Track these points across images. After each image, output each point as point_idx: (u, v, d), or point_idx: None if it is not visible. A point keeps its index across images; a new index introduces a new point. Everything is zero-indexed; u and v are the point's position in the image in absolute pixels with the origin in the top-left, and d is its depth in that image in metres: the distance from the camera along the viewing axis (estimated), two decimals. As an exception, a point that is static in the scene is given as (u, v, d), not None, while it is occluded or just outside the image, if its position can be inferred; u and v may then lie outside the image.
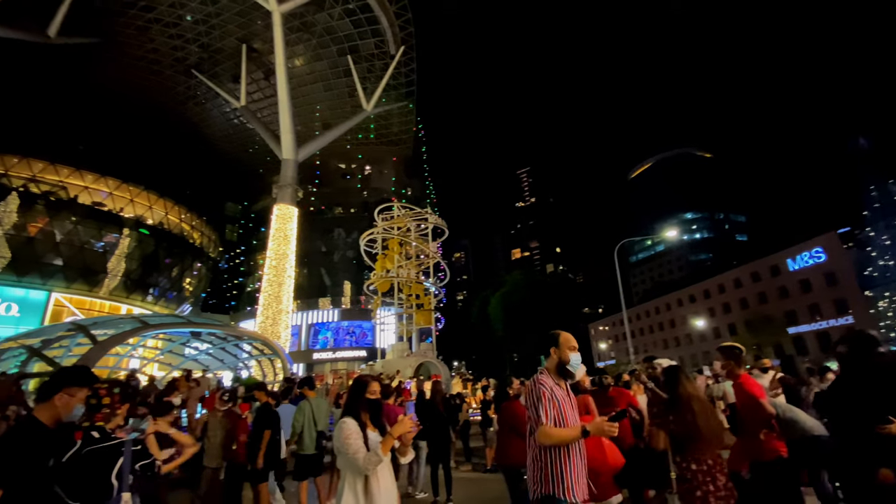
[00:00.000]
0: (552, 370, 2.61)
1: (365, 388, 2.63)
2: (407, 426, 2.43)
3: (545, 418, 2.39)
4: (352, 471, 2.39)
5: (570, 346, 2.62)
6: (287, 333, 22.77)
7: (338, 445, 2.40)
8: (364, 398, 2.59)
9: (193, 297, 33.67)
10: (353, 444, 2.35)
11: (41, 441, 1.98)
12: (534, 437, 2.45)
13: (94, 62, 27.89)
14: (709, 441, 2.93)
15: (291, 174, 24.46)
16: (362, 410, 2.55)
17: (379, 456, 2.32)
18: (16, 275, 23.39)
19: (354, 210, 40.58)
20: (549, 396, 2.46)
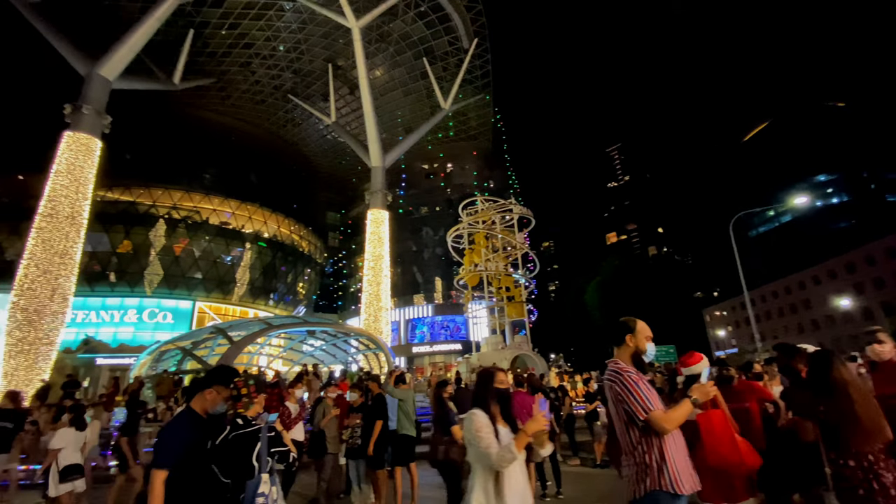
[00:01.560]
0: (626, 360, 2.44)
1: (492, 378, 2.52)
2: (541, 424, 2.31)
3: (654, 406, 2.23)
4: (483, 466, 2.31)
5: (646, 336, 2.45)
6: (388, 329, 24.17)
7: (468, 437, 2.35)
8: (492, 388, 2.49)
9: (306, 299, 37.40)
10: (484, 437, 2.28)
11: (198, 427, 2.36)
12: (632, 431, 2.29)
13: (210, 99, 32.26)
14: (869, 432, 2.52)
15: (380, 180, 25.83)
16: (491, 402, 2.44)
17: (514, 453, 2.21)
18: (168, 288, 28.06)
19: (440, 208, 41.58)
20: (644, 383, 2.29)
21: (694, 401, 2.25)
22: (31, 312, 15.63)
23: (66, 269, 16.61)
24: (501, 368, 2.64)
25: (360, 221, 35.05)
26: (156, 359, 15.77)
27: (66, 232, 16.72)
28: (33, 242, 16.28)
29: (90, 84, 18.59)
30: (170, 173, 30.66)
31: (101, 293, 26.31)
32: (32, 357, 15.45)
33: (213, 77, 29.39)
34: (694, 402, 2.26)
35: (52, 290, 16.09)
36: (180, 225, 28.79)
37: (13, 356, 15.28)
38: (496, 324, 25.15)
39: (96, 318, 26.46)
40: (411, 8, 27.01)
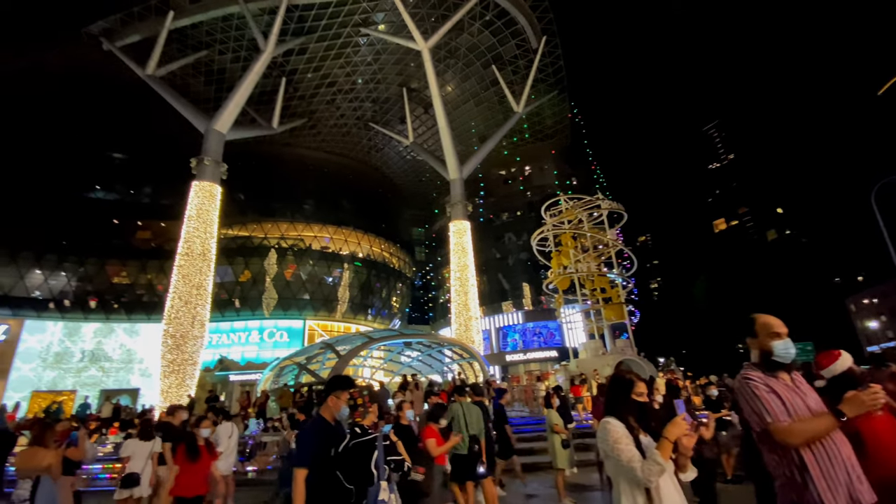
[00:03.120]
0: (757, 363, 2.16)
1: (630, 388, 2.30)
2: (682, 427, 2.07)
3: (772, 415, 1.94)
4: (627, 481, 2.13)
5: (770, 333, 2.13)
6: (479, 338, 24.22)
7: (605, 449, 2.19)
8: (630, 400, 2.29)
9: (399, 312, 39.13)
10: (624, 449, 2.10)
11: (327, 432, 2.56)
12: (768, 442, 2.02)
13: (304, 137, 35.68)
14: None
15: (460, 192, 26.27)
16: (628, 414, 2.24)
17: (660, 463, 1.99)
18: (282, 310, 31.20)
19: (521, 213, 40.96)
20: (765, 389, 2.02)
21: (838, 412, 1.86)
22: (178, 338, 18.44)
23: (201, 299, 19.37)
24: (641, 377, 2.39)
25: (443, 234, 35.89)
26: (277, 374, 17.58)
27: (200, 267, 19.53)
28: (176, 278, 19.28)
29: (208, 138, 21.70)
30: (276, 208, 34.42)
31: (228, 318, 30.17)
32: (181, 376, 18.17)
33: (304, 117, 32.54)
34: (838, 414, 1.87)
35: (192, 318, 18.85)
36: (288, 252, 32.04)
37: (167, 375, 18.12)
38: (593, 328, 23.85)
39: (227, 339, 30.36)
40: (476, 20, 27.35)
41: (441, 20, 25.44)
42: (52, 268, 28.01)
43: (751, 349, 2.21)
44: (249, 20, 23.18)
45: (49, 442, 4.45)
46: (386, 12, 25.88)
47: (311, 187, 36.09)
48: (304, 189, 35.79)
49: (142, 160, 32.27)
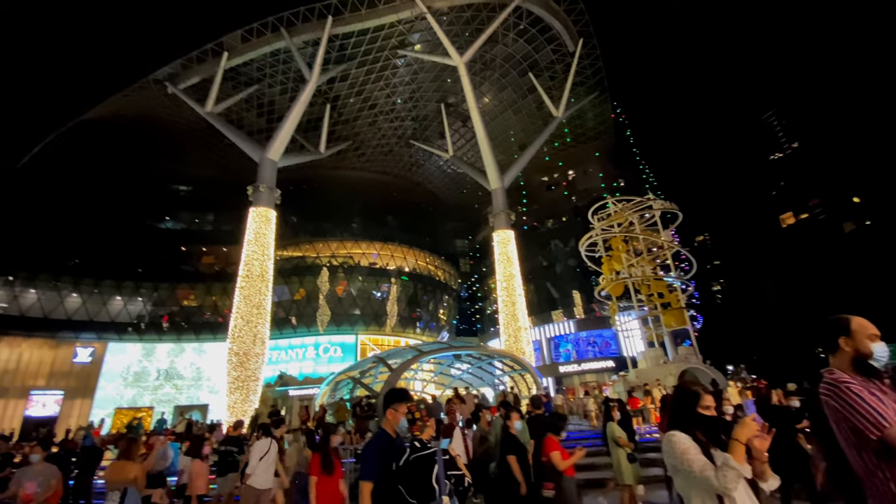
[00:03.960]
0: (845, 368, 1.95)
1: (695, 400, 2.15)
2: (753, 428, 1.93)
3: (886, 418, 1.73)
4: (700, 495, 2.00)
5: (869, 334, 1.94)
6: (529, 349, 23.68)
7: (673, 463, 2.06)
8: (696, 414, 2.14)
9: (447, 324, 39.18)
10: (695, 458, 1.95)
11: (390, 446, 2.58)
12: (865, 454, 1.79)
13: (349, 159, 37.11)
14: None
15: (502, 201, 26.12)
16: (695, 429, 2.09)
17: (735, 468, 1.84)
18: (335, 325, 32.21)
19: (566, 218, 39.99)
20: (871, 395, 1.80)
21: None
22: (241, 355, 19.49)
23: (261, 318, 20.41)
24: (707, 388, 2.22)
25: (486, 244, 35.74)
26: (333, 388, 18.07)
27: (259, 288, 20.64)
28: (238, 299, 20.47)
29: (262, 167, 23.10)
30: (326, 228, 35.90)
31: (286, 335, 31.54)
32: (246, 392, 19.14)
33: (349, 140, 33.91)
34: None
35: (254, 336, 19.88)
36: (339, 270, 33.19)
37: (232, 392, 19.13)
38: (652, 336, 22.63)
39: (285, 356, 31.70)
40: (510, 30, 27.44)
41: (475, 34, 25.78)
42: (130, 294, 30.71)
43: (840, 351, 1.98)
44: (295, 53, 24.65)
45: (135, 456, 4.82)
46: (421, 32, 26.60)
47: (357, 206, 37.40)
48: (352, 208, 37.16)
49: (204, 191, 35.29)
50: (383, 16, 24.62)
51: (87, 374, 28.96)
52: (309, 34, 24.62)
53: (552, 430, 4.83)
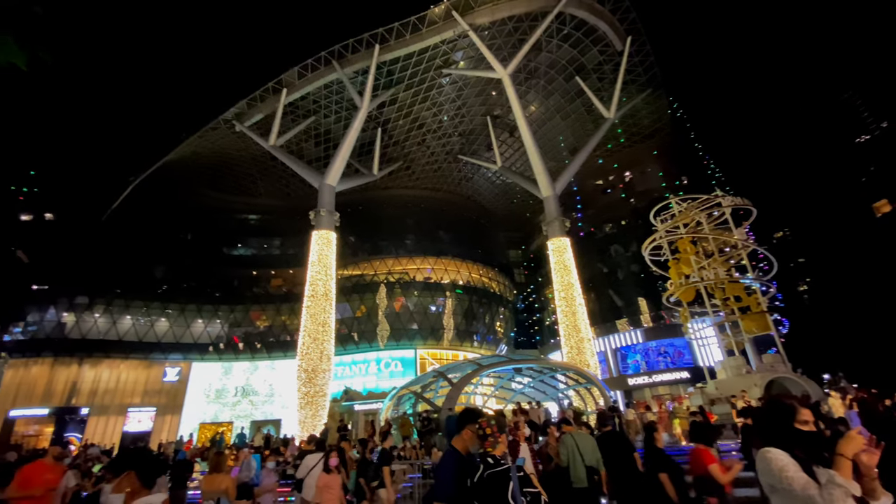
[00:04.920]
0: None
1: (790, 415, 2.00)
2: (859, 442, 1.76)
3: None
4: None
5: None
6: (594, 361, 22.67)
7: (770, 482, 1.91)
8: (793, 430, 1.98)
9: (505, 337, 38.59)
10: (795, 476, 1.80)
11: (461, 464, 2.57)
12: None
13: (400, 179, 38.22)
14: None
15: (555, 209, 25.57)
16: (793, 447, 1.93)
17: (841, 485, 1.69)
18: (395, 340, 32.86)
19: (625, 222, 38.24)
20: None
21: None
22: (310, 372, 20.42)
23: (326, 336, 21.33)
24: (805, 402, 2.02)
25: (541, 254, 35.02)
26: (396, 403, 18.36)
27: (324, 306, 21.63)
28: (305, 318, 21.58)
29: (322, 192, 24.43)
30: (382, 246, 37.09)
31: (349, 351, 32.65)
32: (315, 407, 19.97)
33: (399, 160, 35.01)
34: None
35: (320, 353, 20.78)
36: (395, 286, 34.01)
37: (303, 407, 20.04)
38: (731, 343, 20.83)
39: (349, 371, 32.78)
40: (554, 36, 27.20)
41: (518, 45, 25.83)
42: (210, 317, 33.40)
43: None
44: (346, 83, 26.05)
45: (224, 468, 5.19)
46: (464, 49, 27.09)
47: (410, 223, 38.31)
48: (405, 226, 38.14)
49: (271, 218, 38.16)
50: (427, 38, 25.41)
51: (175, 392, 31.69)
52: (359, 64, 25.94)
53: (704, 441, 4.55)
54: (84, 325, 30.11)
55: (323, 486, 6.14)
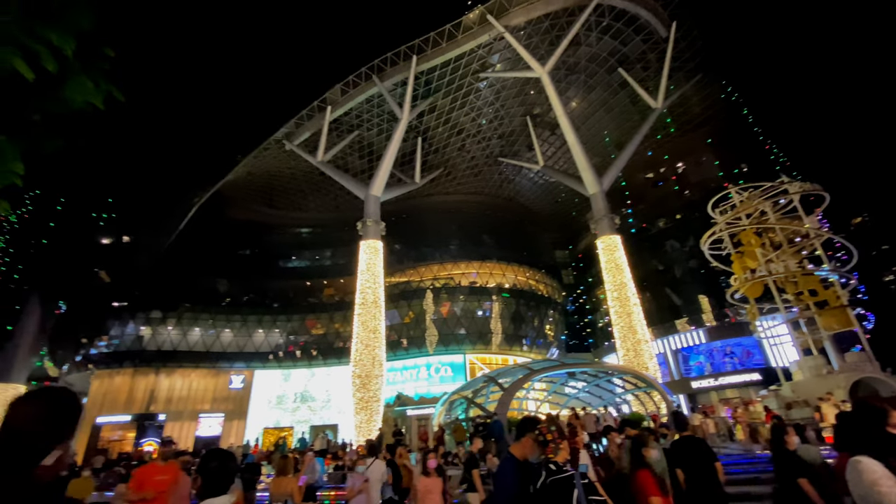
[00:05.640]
0: None
1: (882, 418, 1.87)
2: None
3: None
4: None
5: None
6: (653, 364, 21.58)
7: (861, 494, 1.78)
8: (885, 435, 1.85)
9: (555, 340, 37.65)
10: (888, 492, 1.66)
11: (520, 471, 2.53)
12: None
13: (442, 185, 38.56)
14: None
15: (602, 206, 24.72)
16: (885, 453, 1.78)
17: None
18: (443, 346, 33.00)
19: (680, 216, 36.22)
20: None
21: None
22: (363, 377, 20.96)
23: (377, 342, 21.82)
24: None
25: (590, 253, 33.94)
26: (448, 408, 18.42)
27: (374, 313, 22.18)
28: (356, 325, 22.21)
29: (368, 203, 25.15)
30: (426, 252, 37.57)
31: (399, 357, 33.17)
32: (369, 412, 20.44)
33: (440, 167, 35.37)
34: None
35: (372, 359, 21.29)
36: (441, 292, 34.23)
37: (358, 412, 20.57)
38: (808, 341, 19.10)
39: (400, 377, 33.29)
40: (593, 29, 26.48)
41: (555, 42, 25.38)
42: (269, 326, 35.20)
43: None
44: (386, 95, 26.75)
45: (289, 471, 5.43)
46: (500, 52, 26.99)
47: (453, 229, 38.52)
48: (448, 231, 38.42)
49: (321, 230, 39.99)
50: (463, 45, 25.58)
51: (240, 399, 33.60)
52: (397, 76, 26.56)
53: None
54: (159, 337, 32.72)
55: (424, 490, 6.02)
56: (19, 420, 1.39)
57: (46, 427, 1.44)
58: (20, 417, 1.40)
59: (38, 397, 1.49)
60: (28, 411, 1.42)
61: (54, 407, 1.48)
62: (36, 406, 1.45)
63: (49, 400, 1.47)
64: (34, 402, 1.46)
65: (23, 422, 1.40)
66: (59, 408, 1.48)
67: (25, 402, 1.45)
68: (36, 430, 1.41)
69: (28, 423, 1.41)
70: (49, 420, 1.45)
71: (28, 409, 1.43)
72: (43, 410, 1.45)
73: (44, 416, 1.44)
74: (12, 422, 1.39)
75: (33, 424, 1.41)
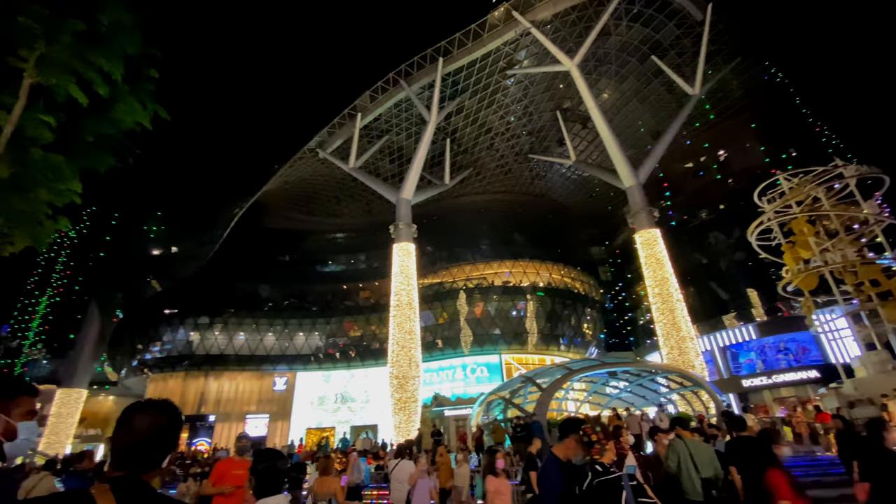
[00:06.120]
0: None
1: None
2: None
3: None
4: None
5: None
6: (699, 361, 20.64)
7: None
8: None
9: (594, 339, 36.73)
10: None
11: (564, 472, 2.49)
12: None
13: (471, 185, 38.49)
14: None
15: (640, 198, 23.90)
16: None
17: None
18: (478, 346, 32.88)
19: (724, 206, 34.48)
20: None
21: None
22: (400, 378, 21.20)
23: (413, 343, 22.03)
24: None
25: (628, 248, 32.94)
26: (485, 409, 18.35)
27: (408, 315, 22.40)
28: (392, 326, 22.51)
29: (399, 206, 25.45)
30: (458, 253, 37.65)
31: (435, 357, 33.35)
32: (408, 413, 20.64)
33: (469, 167, 35.32)
34: None
35: (409, 360, 21.50)
36: (475, 292, 34.14)
37: (396, 413, 20.82)
38: (871, 335, 17.72)
39: (437, 378, 33.45)
40: (622, 18, 25.71)
41: (584, 33, 24.82)
42: (309, 329, 36.27)
43: None
44: (414, 99, 26.99)
45: (332, 471, 5.57)
46: (527, 47, 26.67)
47: (484, 228, 38.41)
48: (479, 231, 38.36)
49: (355, 235, 41.04)
50: (488, 43, 25.45)
51: (284, 400, 34.80)
52: (424, 79, 26.75)
53: None
54: (207, 342, 34.38)
55: (493, 490, 5.97)
56: (142, 429, 1.53)
57: (164, 437, 1.58)
58: (143, 427, 1.53)
59: (159, 409, 1.62)
60: (149, 421, 1.55)
61: (170, 418, 1.62)
62: (156, 417, 1.58)
63: (166, 412, 1.60)
64: (154, 412, 1.59)
65: (145, 431, 1.54)
66: (174, 420, 1.61)
67: (145, 412, 1.57)
68: (156, 439, 1.55)
69: (150, 433, 1.54)
70: (166, 431, 1.59)
71: (148, 420, 1.56)
72: (162, 421, 1.57)
73: (162, 427, 1.58)
74: (137, 431, 1.52)
75: (154, 434, 1.55)
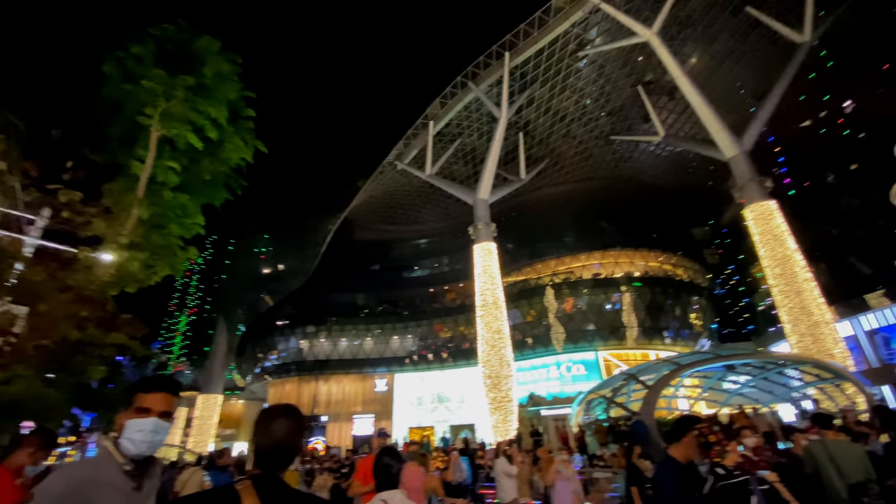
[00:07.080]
0: None
1: None
2: None
3: None
4: None
5: None
6: (840, 349, 17.62)
7: None
8: None
9: (705, 330, 33.24)
10: None
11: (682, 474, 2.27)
12: None
13: (549, 177, 37.23)
14: None
15: (747, 168, 21.15)
16: None
17: None
18: (572, 343, 31.59)
19: (855, 165, 29.14)
20: None
21: None
22: (493, 378, 21.18)
23: (502, 342, 21.88)
24: None
25: (737, 226, 29.37)
26: (585, 408, 17.56)
27: (495, 314, 22.33)
28: (480, 327, 22.60)
29: (477, 207, 25.54)
30: (541, 248, 36.70)
31: (526, 356, 32.74)
32: (504, 413, 20.53)
33: (546, 158, 34.23)
34: None
35: (500, 360, 21.40)
36: (562, 287, 32.93)
37: (492, 413, 20.81)
38: None
39: (531, 377, 32.81)
40: (705, -30, 23.09)
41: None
42: (403, 333, 37.96)
43: None
44: (483, 98, 26.92)
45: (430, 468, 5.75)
46: (598, 24, 25.17)
47: (567, 220, 36.94)
48: (562, 223, 37.01)
49: (437, 239, 42.54)
50: (555, 28, 24.50)
51: (385, 401, 36.76)
52: (492, 77, 26.56)
53: None
54: (315, 348, 37.67)
55: None
56: (280, 434, 1.72)
57: (297, 439, 1.78)
58: (280, 431, 1.73)
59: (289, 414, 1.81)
60: (285, 426, 1.75)
61: (299, 423, 1.80)
62: (289, 422, 1.77)
63: (295, 417, 1.81)
64: (286, 418, 1.78)
65: (283, 435, 1.73)
66: (302, 423, 1.82)
67: (280, 418, 1.77)
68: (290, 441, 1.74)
69: (286, 437, 1.73)
70: (297, 433, 1.78)
71: (284, 425, 1.75)
72: (294, 425, 1.77)
73: (294, 430, 1.76)
74: (274, 435, 1.72)
75: (288, 437, 1.73)
